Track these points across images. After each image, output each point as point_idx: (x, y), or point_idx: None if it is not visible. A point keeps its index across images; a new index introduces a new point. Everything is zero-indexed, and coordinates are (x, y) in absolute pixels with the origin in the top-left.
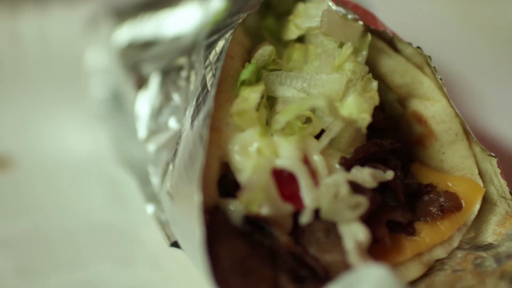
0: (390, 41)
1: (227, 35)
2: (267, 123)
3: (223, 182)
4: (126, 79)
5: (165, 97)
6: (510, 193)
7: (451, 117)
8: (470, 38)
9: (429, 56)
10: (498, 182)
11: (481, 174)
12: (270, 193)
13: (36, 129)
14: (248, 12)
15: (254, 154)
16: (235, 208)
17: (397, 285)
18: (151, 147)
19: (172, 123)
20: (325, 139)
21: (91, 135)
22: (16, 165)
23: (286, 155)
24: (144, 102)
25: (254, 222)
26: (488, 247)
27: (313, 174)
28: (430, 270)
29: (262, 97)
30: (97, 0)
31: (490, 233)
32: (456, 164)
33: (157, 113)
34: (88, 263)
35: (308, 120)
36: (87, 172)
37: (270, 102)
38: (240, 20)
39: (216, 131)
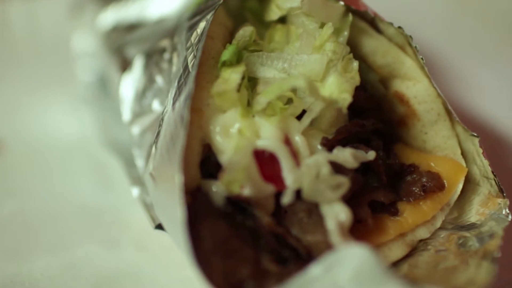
0: (372, 22)
1: (208, 16)
2: (248, 104)
3: (205, 164)
4: (111, 62)
5: (149, 80)
6: (493, 172)
7: (433, 97)
8: (454, 18)
9: (411, 36)
10: (481, 161)
11: (463, 154)
12: (252, 173)
13: (23, 112)
14: None
15: (235, 135)
16: (217, 189)
17: (379, 265)
18: (136, 129)
19: (156, 105)
20: (306, 120)
21: (77, 119)
22: (3, 149)
23: (267, 135)
24: (128, 84)
25: (236, 203)
26: (471, 227)
27: (295, 155)
28: (414, 250)
29: (243, 78)
30: None
31: (473, 213)
32: (438, 144)
33: (141, 96)
34: (74, 245)
35: (289, 101)
36: (73, 155)
37: (251, 83)
38: (221, 1)
39: (197, 112)
